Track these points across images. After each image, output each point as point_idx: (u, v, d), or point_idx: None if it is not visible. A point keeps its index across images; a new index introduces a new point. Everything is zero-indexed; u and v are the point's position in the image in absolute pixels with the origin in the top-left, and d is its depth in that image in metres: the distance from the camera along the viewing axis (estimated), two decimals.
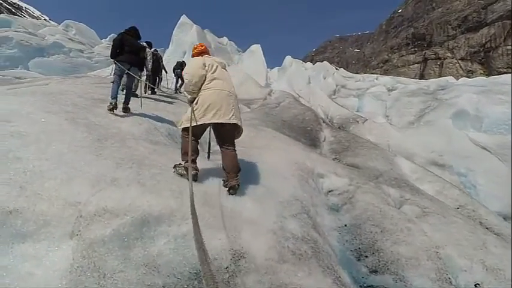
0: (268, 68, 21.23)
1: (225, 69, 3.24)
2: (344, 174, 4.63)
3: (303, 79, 21.80)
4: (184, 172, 2.69)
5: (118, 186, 2.25)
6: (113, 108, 4.54)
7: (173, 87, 11.25)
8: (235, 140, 3.14)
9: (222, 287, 1.78)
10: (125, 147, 3.21)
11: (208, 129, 3.24)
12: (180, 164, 2.86)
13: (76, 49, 21.22)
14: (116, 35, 5.07)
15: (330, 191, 4.22)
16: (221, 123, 2.81)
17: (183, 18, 20.31)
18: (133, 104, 5.09)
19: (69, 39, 22.61)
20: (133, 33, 5.09)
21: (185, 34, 18.38)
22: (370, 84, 22.07)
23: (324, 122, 11.49)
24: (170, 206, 2.13)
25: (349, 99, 20.70)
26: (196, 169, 2.74)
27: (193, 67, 2.96)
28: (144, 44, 6.30)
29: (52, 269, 1.59)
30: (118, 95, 4.70)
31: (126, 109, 4.75)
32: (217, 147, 3.95)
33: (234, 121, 2.87)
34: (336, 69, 30.60)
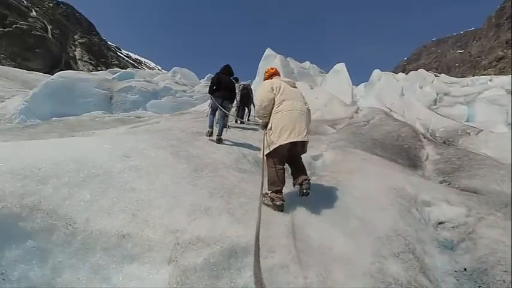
0: (353, 85, 20.28)
1: (294, 87, 3.25)
2: (459, 201, 3.81)
3: (395, 92, 19.85)
4: (270, 203, 2.70)
5: (210, 216, 2.39)
6: (210, 134, 5.56)
7: None
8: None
9: None
10: (217, 176, 3.45)
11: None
12: (266, 193, 2.89)
13: (181, 90, 24.90)
14: (211, 75, 6.02)
15: (440, 223, 3.50)
16: (293, 142, 2.82)
17: (268, 51, 21.70)
18: (225, 134, 5.67)
19: (176, 82, 26.82)
20: (227, 71, 5.94)
21: (270, 65, 19.48)
22: (482, 88, 18.47)
23: (424, 137, 10.09)
24: None
25: (455, 107, 17.70)
26: (283, 199, 2.71)
27: (261, 92, 3.09)
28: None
29: None
30: (213, 124, 5.66)
31: (219, 140, 5.43)
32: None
33: (307, 139, 2.91)
34: (435, 75, 26.92)
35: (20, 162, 2.35)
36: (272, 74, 3.41)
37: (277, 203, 2.65)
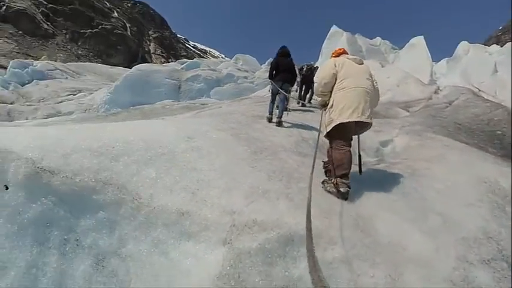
0: (433, 61, 17.69)
1: (361, 64, 2.96)
2: None
3: (486, 68, 16.60)
4: (334, 189, 2.48)
5: (268, 199, 2.30)
6: (269, 121, 5.47)
7: None
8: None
9: None
10: (276, 159, 3.35)
11: (356, 138, 3.02)
12: (330, 178, 2.66)
13: (242, 76, 25.41)
14: (272, 59, 5.86)
15: None
16: (355, 122, 2.57)
17: (333, 29, 20.25)
18: (285, 117, 5.56)
19: (238, 69, 27.43)
20: (284, 53, 5.77)
21: (335, 44, 18.21)
22: None
23: None
24: (317, 226, 1.95)
25: None
26: (349, 186, 2.46)
27: (323, 69, 2.93)
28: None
29: (205, 271, 1.75)
30: (273, 110, 5.57)
31: (279, 123, 5.34)
32: (368, 159, 3.50)
33: (370, 121, 2.68)
34: None
35: (98, 141, 2.58)
36: (339, 54, 3.16)
37: (341, 190, 2.41)
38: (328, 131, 2.72)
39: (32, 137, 2.36)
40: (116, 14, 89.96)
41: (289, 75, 5.59)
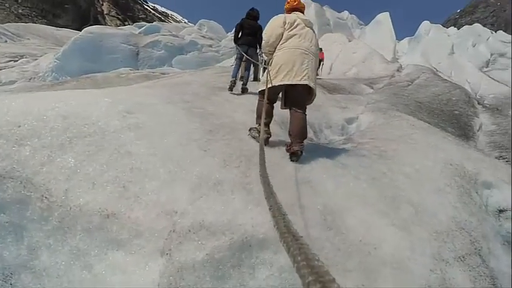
0: (396, 40, 18.03)
1: (311, 28, 2.85)
2: None
3: (444, 49, 17.35)
4: (257, 135, 2.74)
5: (220, 193, 1.88)
6: (231, 86, 4.92)
7: None
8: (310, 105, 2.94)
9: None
10: (235, 139, 2.91)
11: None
12: (254, 128, 2.94)
13: (206, 45, 23.91)
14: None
15: (500, 212, 2.77)
16: (292, 84, 2.57)
17: None
18: (250, 89, 5.07)
19: (202, 36, 25.71)
20: (251, 15, 5.26)
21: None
22: None
23: (479, 103, 8.90)
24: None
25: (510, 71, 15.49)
26: (269, 133, 2.75)
27: (271, 26, 2.77)
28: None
29: None
30: (237, 75, 5.11)
31: (244, 90, 5.01)
32: (335, 137, 3.25)
33: (306, 82, 2.55)
34: (492, 33, 23.32)
35: None
36: (293, 9, 2.94)
37: (263, 136, 2.47)
38: (260, 89, 2.87)
39: None
40: None
41: (252, 38, 5.13)
